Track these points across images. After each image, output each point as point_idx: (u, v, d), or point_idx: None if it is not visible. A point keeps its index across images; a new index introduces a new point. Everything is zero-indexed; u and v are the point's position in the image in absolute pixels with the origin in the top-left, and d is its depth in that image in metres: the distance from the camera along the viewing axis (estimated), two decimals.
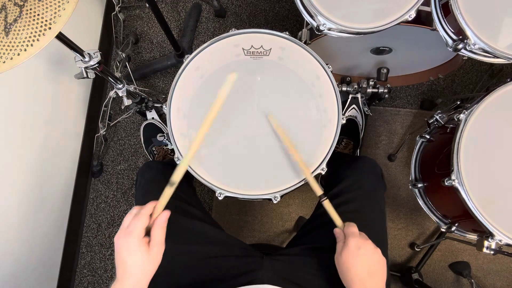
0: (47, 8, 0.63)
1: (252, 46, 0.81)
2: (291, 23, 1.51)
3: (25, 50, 0.61)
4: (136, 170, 1.47)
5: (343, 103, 1.21)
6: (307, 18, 0.86)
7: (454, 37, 0.81)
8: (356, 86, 1.15)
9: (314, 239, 0.78)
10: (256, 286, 0.67)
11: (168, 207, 0.64)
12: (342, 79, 1.22)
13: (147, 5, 1.09)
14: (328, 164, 0.77)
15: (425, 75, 1.25)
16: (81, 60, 0.89)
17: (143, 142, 1.40)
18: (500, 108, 0.79)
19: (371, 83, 1.14)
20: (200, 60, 0.81)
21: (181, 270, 0.71)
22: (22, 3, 0.63)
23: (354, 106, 1.24)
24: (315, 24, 0.83)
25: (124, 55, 1.41)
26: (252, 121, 0.80)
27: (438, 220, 0.98)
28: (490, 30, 0.76)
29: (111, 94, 1.16)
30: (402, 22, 0.79)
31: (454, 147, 0.78)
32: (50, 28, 0.62)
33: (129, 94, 1.12)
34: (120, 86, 1.07)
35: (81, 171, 1.40)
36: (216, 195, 0.77)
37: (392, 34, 0.85)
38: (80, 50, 0.86)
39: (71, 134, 1.35)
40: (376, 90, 1.14)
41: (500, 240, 0.75)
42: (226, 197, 0.77)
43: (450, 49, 0.82)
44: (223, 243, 0.78)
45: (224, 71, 0.81)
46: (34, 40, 0.61)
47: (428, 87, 1.43)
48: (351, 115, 1.25)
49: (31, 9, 0.62)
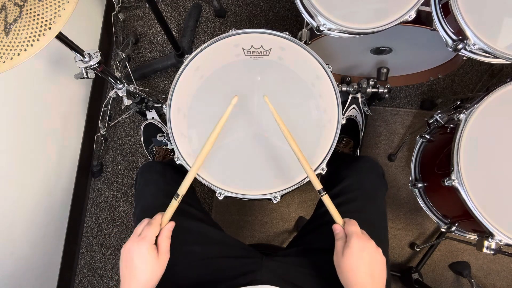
0: (47, 8, 0.62)
1: (252, 46, 0.81)
2: (291, 23, 1.51)
3: (25, 50, 0.61)
4: (136, 170, 1.47)
5: (343, 103, 1.21)
6: (307, 18, 0.86)
7: (454, 37, 0.81)
8: (356, 86, 1.15)
9: (314, 240, 0.78)
10: (255, 287, 0.67)
11: None
12: (342, 79, 1.22)
13: (147, 5, 1.09)
14: (328, 164, 0.77)
15: (425, 75, 1.25)
16: (81, 60, 0.89)
17: (143, 142, 1.40)
18: (500, 108, 0.79)
19: (371, 83, 1.14)
20: (200, 60, 0.81)
21: (180, 271, 0.71)
22: (22, 3, 0.63)
23: (354, 106, 1.24)
24: (315, 24, 0.83)
25: (124, 55, 1.41)
26: (252, 121, 0.80)
27: (438, 220, 0.98)
28: (490, 30, 0.76)
29: (111, 94, 1.16)
30: (402, 22, 0.79)
31: (454, 147, 0.78)
32: (50, 28, 0.62)
33: (129, 94, 1.12)
34: (120, 86, 1.07)
35: (81, 171, 1.40)
36: (216, 195, 0.77)
37: (392, 34, 0.85)
38: (80, 50, 0.86)
39: (71, 134, 1.35)
40: (376, 90, 1.14)
41: (500, 240, 0.75)
42: (226, 197, 0.77)
43: (450, 49, 0.82)
44: (222, 243, 0.78)
45: (224, 71, 0.81)
46: (34, 40, 0.61)
47: (428, 87, 1.43)
48: (351, 115, 1.25)
49: (31, 9, 0.62)
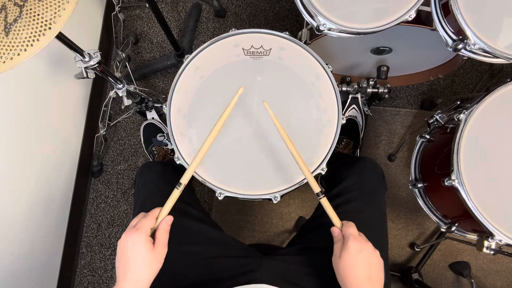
0: (47, 8, 0.62)
1: (252, 46, 0.81)
2: (291, 23, 1.51)
3: (25, 50, 0.61)
4: (136, 170, 1.47)
5: (343, 103, 1.21)
6: (307, 18, 0.86)
7: (454, 37, 0.81)
8: (356, 86, 1.15)
9: (313, 239, 0.78)
10: (254, 285, 0.67)
11: None
12: (342, 79, 1.22)
13: (147, 5, 1.09)
14: (328, 164, 0.77)
15: (425, 75, 1.25)
16: (81, 60, 0.89)
17: (143, 142, 1.40)
18: (500, 108, 0.79)
19: (371, 83, 1.14)
20: (200, 60, 0.81)
21: (180, 271, 0.71)
22: (22, 3, 0.63)
23: (354, 106, 1.24)
24: (315, 24, 0.83)
25: (124, 55, 1.41)
26: (252, 121, 0.80)
27: (438, 220, 0.98)
28: (490, 30, 0.76)
29: (111, 94, 1.16)
30: (402, 22, 0.79)
31: (454, 147, 0.78)
32: (50, 28, 0.62)
33: (129, 94, 1.12)
34: (120, 86, 1.07)
35: (81, 171, 1.40)
36: (216, 195, 0.77)
37: (392, 34, 0.85)
38: (80, 50, 0.86)
39: (71, 134, 1.35)
40: (376, 90, 1.14)
41: (500, 240, 0.75)
42: (226, 197, 0.77)
43: (450, 49, 0.82)
44: (222, 243, 0.78)
45: (224, 71, 0.81)
46: (34, 40, 0.61)
47: (428, 87, 1.43)
48: (351, 115, 1.25)
49: (31, 9, 0.62)
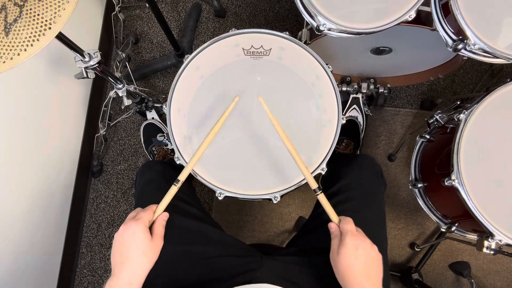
0: (47, 8, 0.62)
1: (252, 46, 0.81)
2: (291, 23, 1.51)
3: (25, 50, 0.61)
4: (136, 170, 1.47)
5: (344, 103, 1.21)
6: (307, 18, 0.86)
7: (454, 37, 0.81)
8: (356, 86, 1.15)
9: (313, 240, 0.78)
10: (255, 285, 0.67)
11: (168, 207, 0.65)
12: (342, 79, 1.22)
13: (147, 5, 1.09)
14: (328, 164, 0.77)
15: (425, 75, 1.24)
16: (81, 60, 0.89)
17: (143, 142, 1.40)
18: (500, 108, 0.79)
19: (371, 83, 1.14)
20: (200, 60, 0.81)
21: (180, 270, 0.71)
22: (22, 3, 0.63)
23: (355, 106, 1.24)
24: (315, 24, 0.83)
25: (124, 55, 1.41)
26: (253, 121, 0.80)
27: (438, 220, 0.98)
28: (490, 30, 0.76)
29: (111, 94, 1.16)
30: (402, 22, 0.79)
31: (454, 147, 0.78)
32: (50, 28, 0.62)
33: (129, 94, 1.12)
34: (120, 86, 1.07)
35: (81, 171, 1.40)
36: (216, 195, 0.77)
37: (392, 34, 0.85)
38: (80, 50, 0.86)
39: (71, 134, 1.35)
40: (376, 90, 1.14)
41: (500, 240, 0.75)
42: (226, 197, 0.77)
43: (450, 49, 0.82)
44: (222, 243, 0.78)
45: (224, 71, 0.81)
46: (34, 40, 0.61)
47: (428, 87, 1.43)
48: (352, 116, 1.25)
49: (31, 9, 0.62)
